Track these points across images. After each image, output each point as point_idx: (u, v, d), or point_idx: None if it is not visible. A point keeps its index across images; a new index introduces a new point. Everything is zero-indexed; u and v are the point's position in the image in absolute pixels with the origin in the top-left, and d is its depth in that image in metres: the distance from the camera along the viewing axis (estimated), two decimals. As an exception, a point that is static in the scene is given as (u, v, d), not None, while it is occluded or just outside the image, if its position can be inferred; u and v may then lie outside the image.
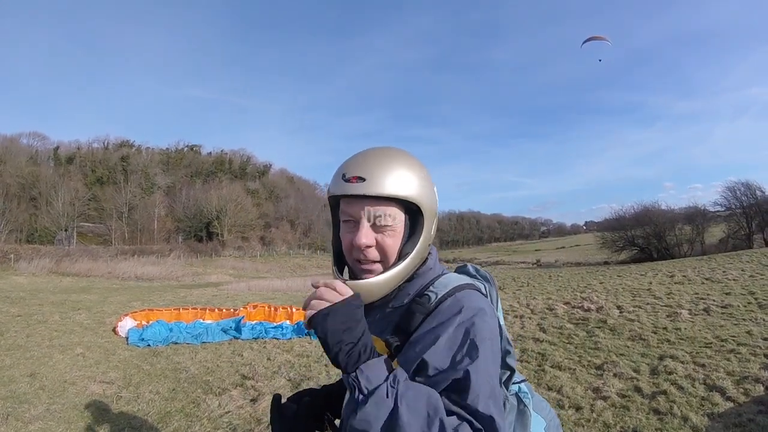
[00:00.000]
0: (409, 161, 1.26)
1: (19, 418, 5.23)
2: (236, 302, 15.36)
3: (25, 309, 12.47)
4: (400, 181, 1.19)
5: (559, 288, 17.07)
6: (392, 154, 1.26)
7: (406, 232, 1.25)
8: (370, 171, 1.19)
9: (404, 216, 1.24)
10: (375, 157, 1.23)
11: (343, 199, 1.25)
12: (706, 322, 8.89)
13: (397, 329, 1.22)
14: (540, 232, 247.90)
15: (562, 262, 53.92)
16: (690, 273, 17.78)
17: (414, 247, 1.23)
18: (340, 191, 1.22)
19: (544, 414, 1.40)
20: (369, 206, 1.19)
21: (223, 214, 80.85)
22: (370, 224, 1.20)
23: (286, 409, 1.44)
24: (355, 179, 1.19)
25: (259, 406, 5.64)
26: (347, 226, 1.25)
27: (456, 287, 1.22)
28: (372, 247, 1.21)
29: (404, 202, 1.21)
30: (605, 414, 4.97)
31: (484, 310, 1.16)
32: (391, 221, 1.20)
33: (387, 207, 1.20)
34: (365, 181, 1.17)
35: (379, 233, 1.21)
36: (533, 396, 1.39)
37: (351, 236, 1.22)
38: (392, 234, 1.22)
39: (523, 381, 1.38)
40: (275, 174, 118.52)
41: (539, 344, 8.17)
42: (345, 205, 1.24)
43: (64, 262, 36.68)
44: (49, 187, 69.71)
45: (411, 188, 1.20)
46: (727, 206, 45.55)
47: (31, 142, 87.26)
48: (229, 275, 43.67)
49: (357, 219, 1.21)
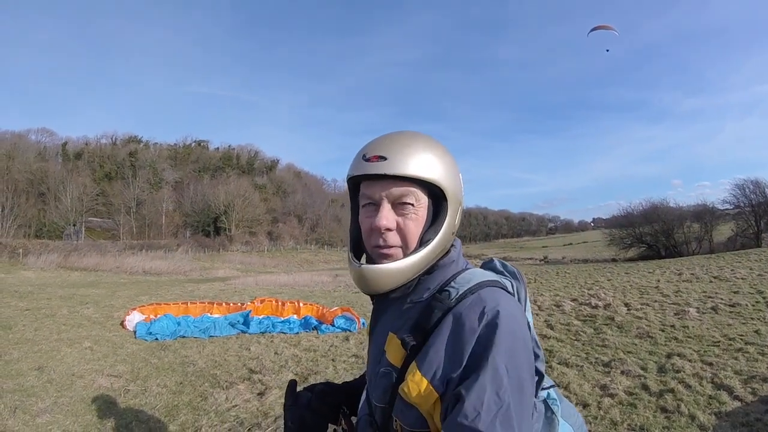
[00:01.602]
0: (434, 144, 1.20)
1: (27, 411, 5.25)
2: (243, 297, 15.38)
3: (34, 303, 12.51)
4: (424, 163, 1.13)
5: (567, 285, 17.07)
6: (416, 136, 1.20)
7: (429, 218, 1.18)
8: (392, 150, 1.13)
9: (427, 200, 1.17)
10: (398, 138, 1.18)
11: (363, 181, 1.19)
12: (714, 320, 8.86)
13: (415, 327, 1.14)
14: (547, 228, 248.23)
15: (570, 258, 53.83)
16: (698, 271, 17.76)
17: (436, 233, 1.16)
18: (360, 171, 1.16)
19: (572, 421, 1.31)
20: (390, 187, 1.14)
21: (231, 209, 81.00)
22: (391, 206, 1.15)
23: (301, 396, 1.43)
24: (376, 158, 1.13)
25: (266, 400, 5.65)
26: (367, 210, 1.19)
27: (479, 284, 1.14)
28: (392, 230, 1.15)
29: (428, 186, 1.15)
30: (612, 411, 4.96)
31: (509, 312, 1.07)
32: (413, 201, 1.14)
33: (409, 187, 1.14)
34: (387, 161, 1.12)
35: (400, 216, 1.15)
36: (561, 402, 1.31)
37: (371, 220, 1.16)
38: (414, 218, 1.15)
39: (552, 386, 1.30)
40: (283, 169, 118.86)
41: (547, 341, 8.16)
42: (365, 188, 1.19)
43: (72, 256, 36.70)
44: (57, 183, 70.02)
45: (435, 171, 1.14)
46: (736, 204, 45.26)
47: (40, 138, 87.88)
48: (237, 270, 43.68)
49: (377, 201, 1.15)
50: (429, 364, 1.06)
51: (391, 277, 1.14)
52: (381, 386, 1.20)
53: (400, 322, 1.20)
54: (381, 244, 1.15)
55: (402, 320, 1.20)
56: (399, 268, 1.14)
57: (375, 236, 1.16)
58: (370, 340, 1.38)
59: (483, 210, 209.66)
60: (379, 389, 1.21)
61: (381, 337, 1.26)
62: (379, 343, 1.26)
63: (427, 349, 1.08)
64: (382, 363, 1.21)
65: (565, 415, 1.29)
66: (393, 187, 1.13)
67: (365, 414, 1.31)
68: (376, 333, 1.31)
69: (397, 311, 1.24)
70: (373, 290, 1.18)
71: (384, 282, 1.15)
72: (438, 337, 1.07)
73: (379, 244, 1.16)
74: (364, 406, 1.34)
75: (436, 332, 1.09)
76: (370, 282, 1.16)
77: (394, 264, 1.14)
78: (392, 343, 1.18)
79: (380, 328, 1.29)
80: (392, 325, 1.22)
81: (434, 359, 1.05)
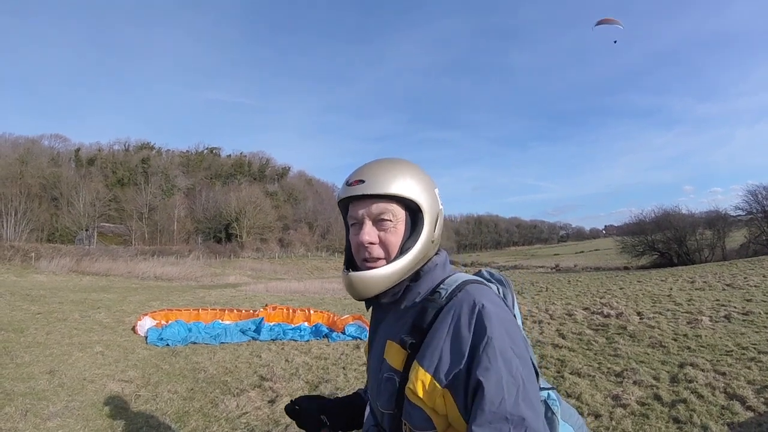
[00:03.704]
0: (407, 165, 1.36)
1: (38, 415, 5.28)
2: (254, 303, 15.43)
3: (45, 307, 12.60)
4: (397, 180, 1.27)
5: (579, 293, 16.99)
6: (391, 160, 1.37)
7: (408, 230, 1.31)
8: (370, 174, 1.29)
9: (404, 213, 1.31)
10: (375, 163, 1.35)
11: (350, 204, 1.34)
12: (726, 329, 8.77)
13: (412, 328, 1.25)
14: (559, 236, 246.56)
15: (582, 266, 53.39)
16: (711, 279, 17.62)
17: (415, 242, 1.29)
18: (344, 194, 1.33)
19: (572, 422, 1.38)
20: (370, 206, 1.28)
21: (242, 215, 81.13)
22: (372, 222, 1.29)
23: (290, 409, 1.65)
24: (356, 182, 1.29)
25: (276, 408, 5.65)
26: (354, 229, 1.33)
27: (465, 281, 1.29)
28: (375, 244, 1.28)
29: (404, 201, 1.29)
30: (624, 422, 4.92)
31: (493, 301, 1.20)
32: (391, 217, 1.28)
33: (387, 204, 1.28)
34: (365, 183, 1.27)
35: (381, 231, 1.28)
36: (561, 403, 1.37)
37: (357, 237, 1.30)
38: (393, 231, 1.29)
39: (551, 389, 1.36)
40: (294, 176, 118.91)
41: (558, 350, 8.11)
42: (350, 209, 1.34)
43: (84, 261, 37.01)
44: (70, 188, 70.43)
45: (408, 188, 1.28)
46: (748, 210, 44.74)
47: (53, 143, 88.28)
48: (248, 276, 43.88)
49: (361, 220, 1.30)
50: (430, 360, 1.16)
51: (375, 282, 1.27)
52: (386, 392, 1.28)
53: (398, 327, 1.32)
54: (367, 257, 1.30)
55: (399, 325, 1.32)
56: (382, 273, 1.26)
57: (361, 250, 1.30)
58: (369, 355, 1.51)
59: (494, 218, 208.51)
60: (384, 396, 1.29)
61: (379, 347, 1.39)
62: (378, 353, 1.39)
63: (426, 346, 1.19)
64: (383, 370, 1.32)
65: (565, 416, 1.37)
66: (372, 206, 1.28)
67: (372, 425, 1.41)
68: (375, 344, 1.44)
69: (392, 320, 1.37)
70: (362, 295, 1.31)
71: (370, 287, 1.28)
72: (435, 333, 1.19)
73: (365, 257, 1.30)
74: (370, 418, 1.44)
75: (432, 330, 1.21)
76: (358, 287, 1.29)
77: (378, 270, 1.27)
78: (391, 348, 1.31)
79: (378, 338, 1.42)
80: (389, 333, 1.35)
81: (434, 354, 1.16)
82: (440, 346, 1.16)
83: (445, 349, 1.15)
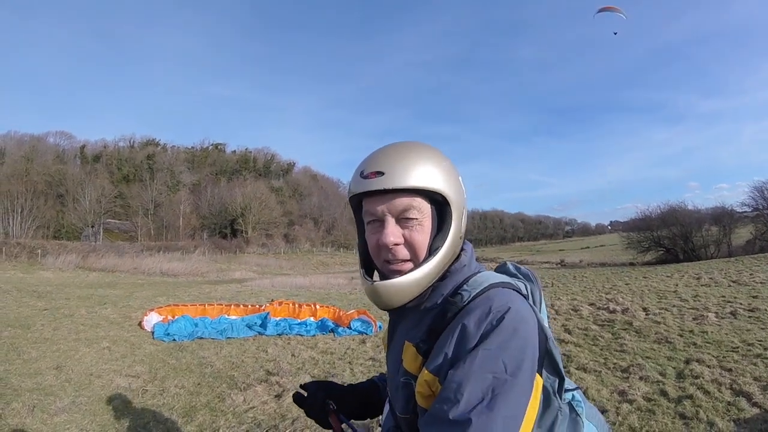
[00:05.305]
0: (430, 151, 1.19)
1: (45, 410, 5.31)
2: (260, 298, 15.48)
3: (52, 303, 12.67)
4: (421, 172, 1.11)
5: (584, 289, 16.99)
6: (411, 146, 1.19)
7: (435, 226, 1.17)
8: (388, 164, 1.12)
9: (431, 208, 1.16)
10: (393, 151, 1.17)
11: (364, 198, 1.18)
12: (732, 325, 8.75)
13: (429, 332, 1.13)
14: (564, 231, 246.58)
15: (587, 262, 53.21)
16: (716, 275, 17.62)
17: (444, 240, 1.14)
18: (359, 189, 1.16)
19: (596, 422, 1.34)
20: (392, 201, 1.12)
21: (248, 211, 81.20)
22: (395, 220, 1.13)
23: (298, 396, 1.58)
24: (373, 175, 1.12)
25: (283, 402, 5.66)
26: (372, 226, 1.18)
27: (491, 285, 1.12)
28: (400, 244, 1.13)
29: (428, 194, 1.14)
30: (631, 418, 4.92)
31: (516, 310, 1.04)
32: (417, 214, 1.13)
33: (411, 199, 1.12)
34: (384, 175, 1.11)
35: (405, 229, 1.13)
36: (585, 404, 1.31)
37: (377, 237, 1.15)
38: (420, 229, 1.14)
39: (576, 389, 1.31)
40: (299, 172, 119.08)
41: (564, 345, 8.10)
42: (367, 205, 1.18)
43: (91, 257, 37.13)
44: (75, 185, 70.77)
45: (434, 178, 1.13)
46: (755, 206, 44.47)
47: (58, 141, 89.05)
48: (253, 272, 43.81)
49: (381, 217, 1.14)
50: (434, 361, 1.07)
51: (406, 291, 1.14)
52: (403, 397, 1.20)
53: (416, 330, 1.19)
54: (391, 259, 1.15)
55: (417, 328, 1.19)
56: (413, 279, 1.13)
57: (384, 252, 1.15)
58: (387, 352, 1.38)
59: (499, 213, 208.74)
60: (401, 400, 1.21)
61: (398, 347, 1.26)
62: (396, 354, 1.26)
63: (436, 348, 1.09)
64: (400, 373, 1.21)
65: (588, 415, 1.30)
66: (394, 201, 1.12)
67: (391, 425, 1.32)
68: (394, 343, 1.31)
69: (412, 320, 1.23)
70: (390, 305, 1.17)
71: (400, 296, 1.15)
72: (446, 335, 1.07)
73: (389, 259, 1.15)
74: (389, 418, 1.36)
75: (445, 332, 1.08)
76: (385, 297, 1.15)
77: (407, 276, 1.13)
78: (408, 351, 1.18)
79: (397, 338, 1.29)
80: (408, 334, 1.22)
81: (439, 355, 1.06)
82: (445, 349, 1.05)
83: (450, 350, 1.04)
